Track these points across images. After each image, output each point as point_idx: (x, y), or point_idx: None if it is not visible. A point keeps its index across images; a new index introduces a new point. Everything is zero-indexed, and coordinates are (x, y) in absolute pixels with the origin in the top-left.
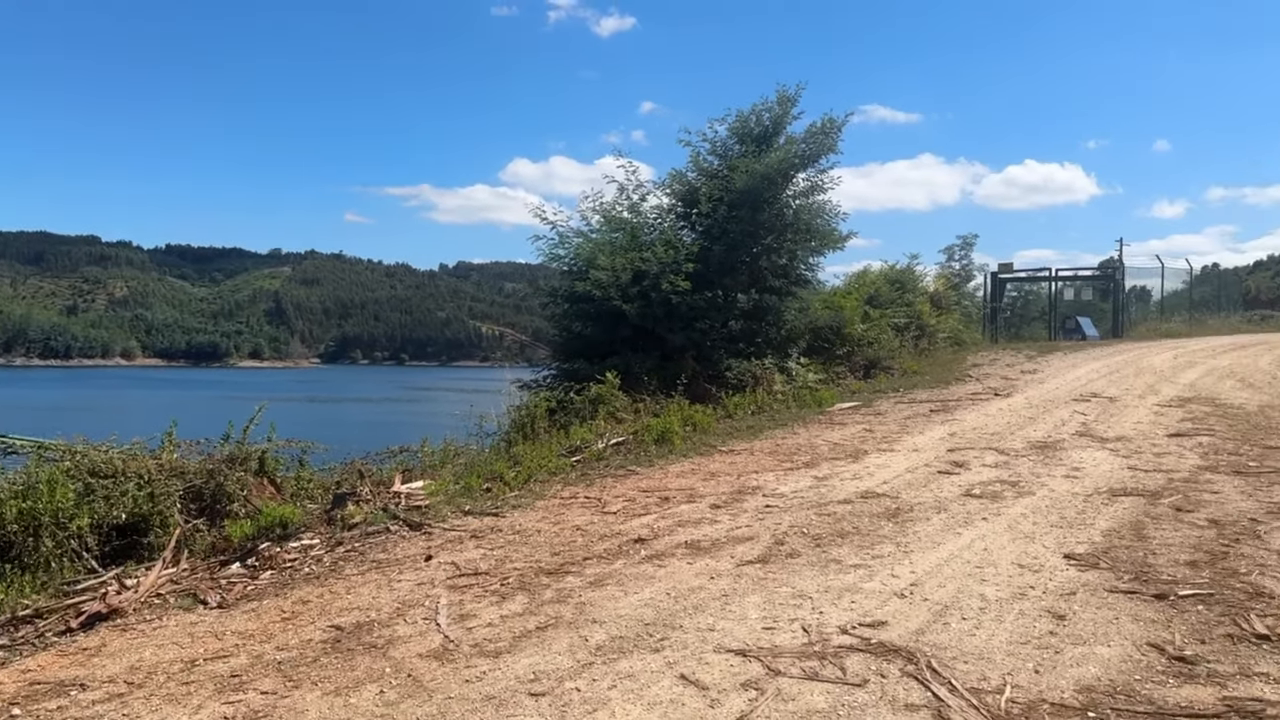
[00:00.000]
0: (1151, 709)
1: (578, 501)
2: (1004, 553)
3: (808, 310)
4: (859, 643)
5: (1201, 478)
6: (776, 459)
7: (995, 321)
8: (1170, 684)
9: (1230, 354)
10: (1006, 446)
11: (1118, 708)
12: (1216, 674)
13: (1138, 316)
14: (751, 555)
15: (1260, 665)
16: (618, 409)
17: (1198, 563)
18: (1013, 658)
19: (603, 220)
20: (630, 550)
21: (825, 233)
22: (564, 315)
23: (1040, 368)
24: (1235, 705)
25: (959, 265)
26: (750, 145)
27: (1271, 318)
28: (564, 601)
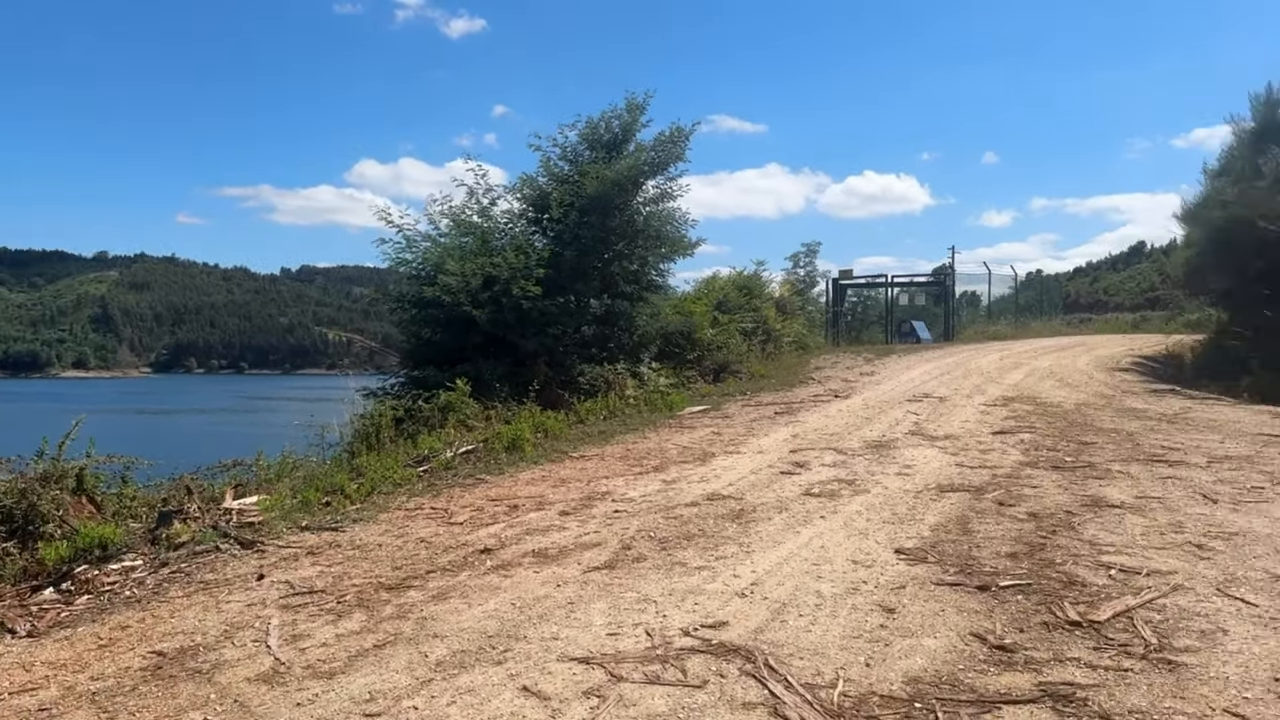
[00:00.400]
0: (973, 697)
1: (423, 513)
2: (840, 550)
3: (659, 315)
4: (700, 644)
5: (1023, 473)
6: (627, 464)
7: (837, 326)
8: (991, 672)
9: (1051, 355)
10: (845, 446)
11: (942, 697)
12: (1033, 661)
13: (968, 320)
14: (599, 561)
15: (1072, 650)
16: (468, 416)
17: (1018, 554)
18: (846, 652)
19: (452, 224)
20: (476, 561)
21: (675, 239)
22: (412, 321)
23: (878, 370)
24: (1049, 690)
25: (804, 272)
26: (601, 152)
27: (1090, 320)
28: (404, 617)
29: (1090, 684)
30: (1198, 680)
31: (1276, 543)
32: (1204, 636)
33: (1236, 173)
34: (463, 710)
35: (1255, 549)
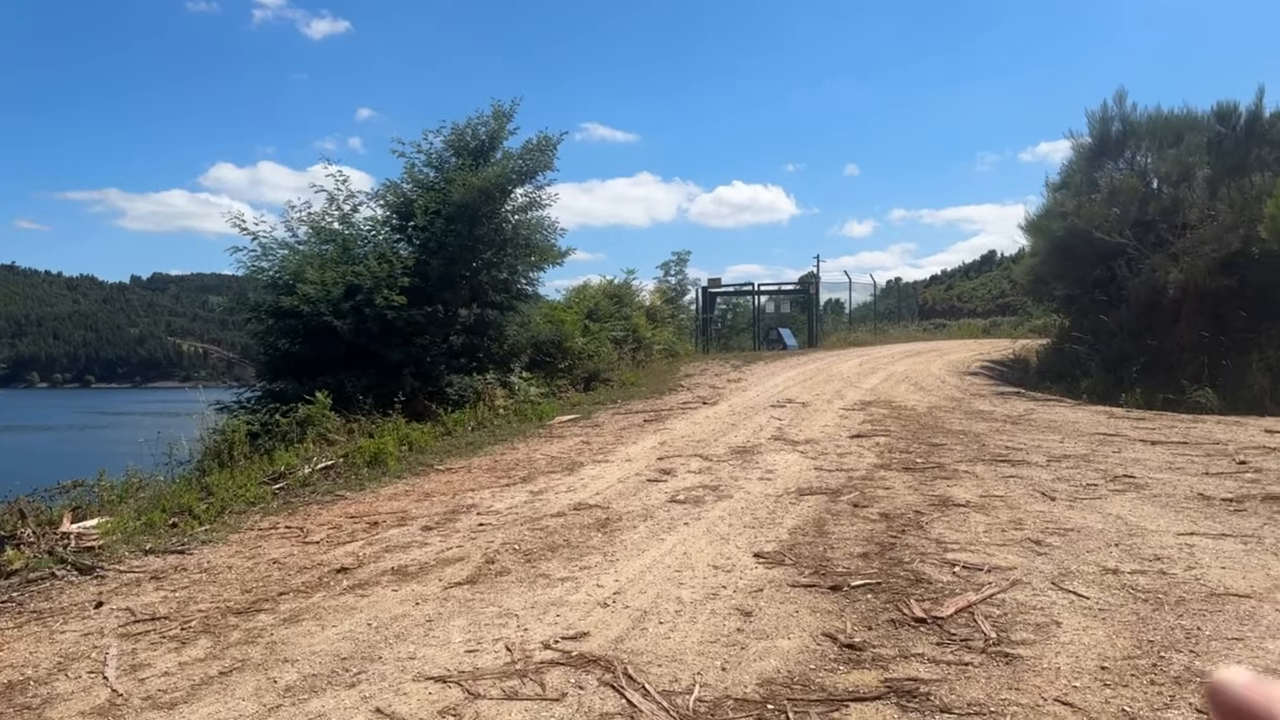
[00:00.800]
0: (823, 696)
1: (277, 532)
2: (701, 555)
3: (530, 325)
4: (561, 656)
5: (877, 475)
6: (494, 475)
7: (707, 333)
8: (840, 671)
9: (907, 360)
10: (711, 453)
11: (793, 697)
12: (880, 658)
13: (831, 327)
14: (460, 577)
15: (917, 647)
16: (329, 430)
17: (869, 554)
18: (703, 657)
19: (311, 231)
20: (332, 581)
21: (545, 248)
22: (269, 332)
23: (745, 376)
24: (894, 686)
25: (675, 280)
26: (467, 159)
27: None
28: (253, 642)
29: (933, 679)
30: (1032, 672)
31: (1108, 537)
32: (1039, 629)
33: (1075, 186)
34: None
35: (1088, 544)
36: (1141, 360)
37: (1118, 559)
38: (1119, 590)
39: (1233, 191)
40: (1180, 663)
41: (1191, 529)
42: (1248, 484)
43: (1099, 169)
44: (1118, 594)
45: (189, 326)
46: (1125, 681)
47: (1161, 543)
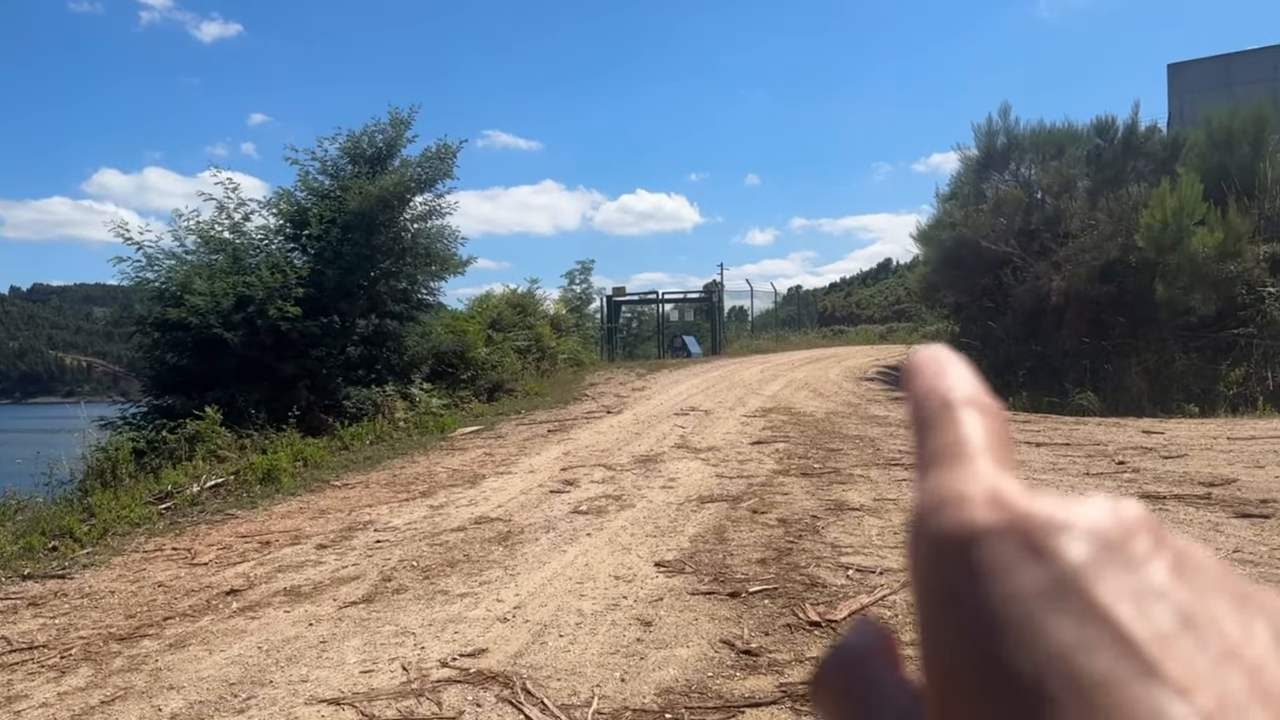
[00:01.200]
0: (720, 703)
1: (163, 554)
2: (603, 566)
3: (430, 335)
4: (458, 674)
5: (776, 481)
6: (393, 490)
7: (612, 342)
8: (737, 677)
9: (807, 367)
10: (614, 462)
11: (691, 705)
12: (776, 663)
13: (734, 335)
14: (356, 596)
15: (811, 650)
16: (219, 447)
17: (767, 560)
18: (602, 669)
19: (200, 240)
20: (220, 604)
21: (446, 257)
22: (155, 345)
23: (649, 385)
24: (789, 690)
25: (579, 289)
26: (364, 166)
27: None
28: (137, 669)
29: None
30: None
31: None
32: None
33: (964, 197)
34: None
35: None
36: (1027, 365)
37: None
38: None
39: (1111, 202)
40: None
41: None
42: (1125, 483)
43: (986, 180)
44: None
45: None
46: None
47: None
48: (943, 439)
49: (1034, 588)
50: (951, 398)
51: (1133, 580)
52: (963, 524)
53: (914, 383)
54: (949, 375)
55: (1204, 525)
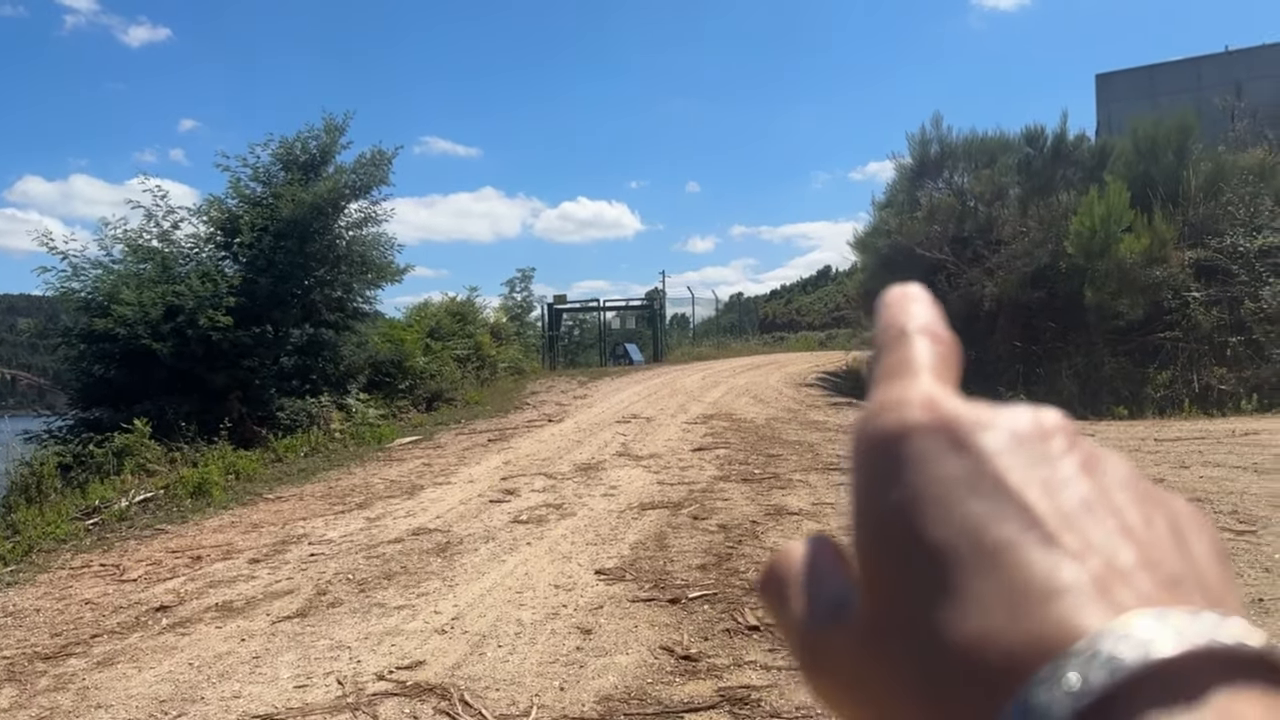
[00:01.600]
0: (660, 709)
1: (91, 571)
2: (543, 575)
3: (367, 344)
4: (395, 687)
5: (717, 487)
6: (328, 502)
7: (554, 350)
8: (677, 683)
9: (748, 373)
10: (555, 470)
11: (630, 712)
12: (715, 668)
13: (676, 342)
14: (290, 610)
15: (750, 654)
16: (148, 461)
17: (707, 566)
18: (542, 678)
19: (128, 249)
20: (150, 621)
21: (382, 265)
22: (82, 357)
23: (591, 393)
24: (728, 694)
25: (520, 297)
26: (297, 173)
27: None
28: (63, 688)
29: (764, 685)
30: None
31: None
32: None
33: (899, 205)
34: None
35: None
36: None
37: None
38: None
39: (1041, 209)
40: None
41: None
42: None
43: (920, 188)
44: None
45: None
46: None
47: None
48: (894, 358)
49: (955, 473)
50: (908, 326)
51: (1043, 470)
52: (899, 421)
53: (881, 314)
54: (910, 308)
55: None
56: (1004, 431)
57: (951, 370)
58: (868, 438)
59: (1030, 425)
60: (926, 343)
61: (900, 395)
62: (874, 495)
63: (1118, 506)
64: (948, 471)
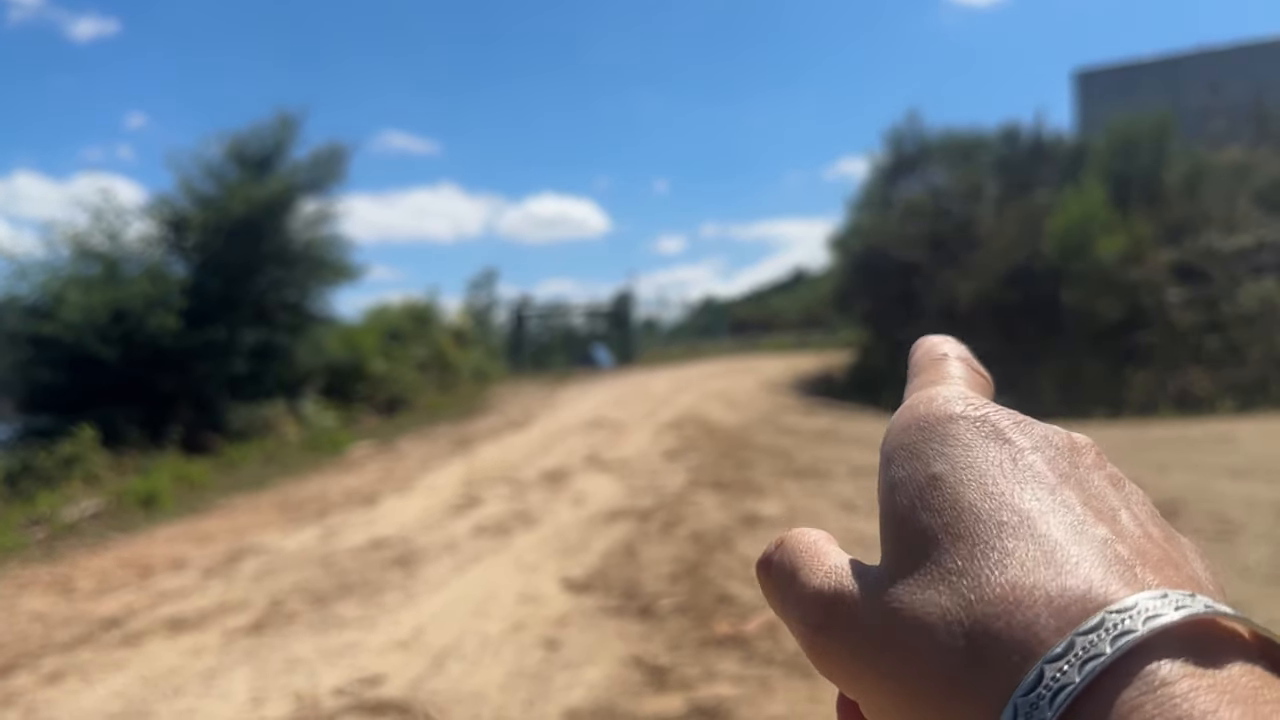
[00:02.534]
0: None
1: (39, 584)
2: (508, 587)
3: (323, 348)
4: (354, 702)
5: (688, 494)
6: (283, 512)
7: (519, 353)
8: (646, 695)
9: (720, 378)
10: (520, 478)
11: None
12: (686, 679)
13: (646, 344)
14: (244, 624)
15: (721, 665)
16: (96, 469)
17: (678, 575)
18: (506, 692)
19: (75, 251)
20: (100, 635)
21: (338, 265)
22: (26, 362)
23: (557, 397)
24: (698, 707)
25: (484, 298)
26: (249, 170)
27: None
28: (10, 705)
29: (736, 695)
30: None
31: None
32: None
33: (874, 204)
34: None
35: None
36: None
37: None
38: None
39: (1018, 209)
40: None
41: None
42: None
43: (895, 186)
44: None
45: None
46: None
47: None
48: (933, 371)
49: (996, 458)
50: (944, 350)
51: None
52: (944, 408)
53: (918, 347)
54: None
55: None
56: (1041, 435)
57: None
58: (911, 418)
59: (1065, 438)
60: (962, 365)
61: (942, 392)
62: (915, 466)
63: (1139, 517)
64: (989, 455)
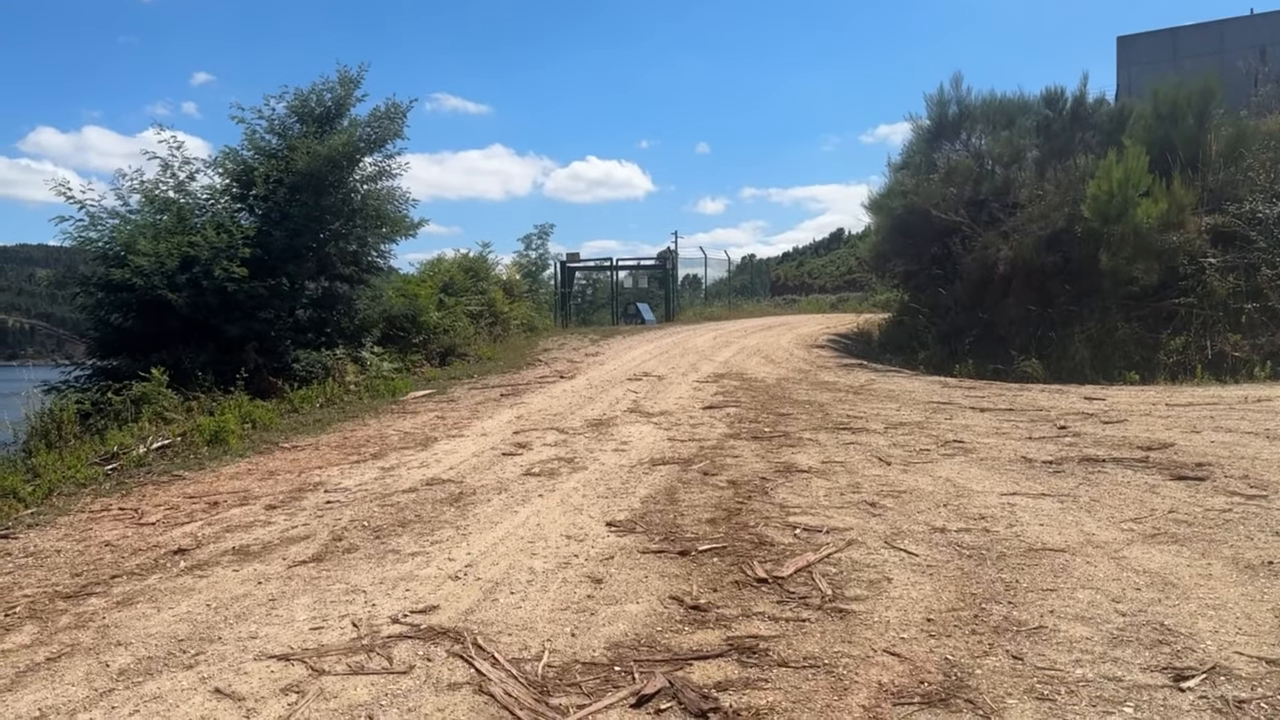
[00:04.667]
0: (668, 656)
1: (110, 514)
2: (555, 526)
3: (381, 298)
4: (409, 630)
5: (727, 444)
6: (343, 452)
7: (566, 308)
8: (685, 631)
9: (759, 334)
10: (567, 426)
11: (640, 659)
12: (724, 618)
13: (688, 302)
14: (306, 555)
15: (758, 605)
16: (165, 409)
17: (716, 520)
18: (553, 624)
19: (144, 200)
20: (168, 563)
21: (396, 219)
22: (99, 306)
23: (602, 351)
24: (736, 644)
25: (536, 254)
26: (312, 125)
27: (795, 301)
28: (84, 626)
29: (772, 635)
30: (864, 625)
31: (938, 498)
32: (872, 586)
33: (915, 166)
34: (147, 718)
35: (919, 505)
36: (974, 333)
37: (946, 518)
38: (945, 547)
39: (1059, 173)
40: (999, 613)
41: (1014, 490)
42: (1066, 447)
43: (937, 150)
44: (944, 551)
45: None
46: (949, 632)
47: (986, 503)
48: None
49: None
50: None
51: None
52: None
53: None
54: None
55: (1141, 487)
56: None
57: None
58: None
59: None
60: None
61: None
62: None
63: None
64: None
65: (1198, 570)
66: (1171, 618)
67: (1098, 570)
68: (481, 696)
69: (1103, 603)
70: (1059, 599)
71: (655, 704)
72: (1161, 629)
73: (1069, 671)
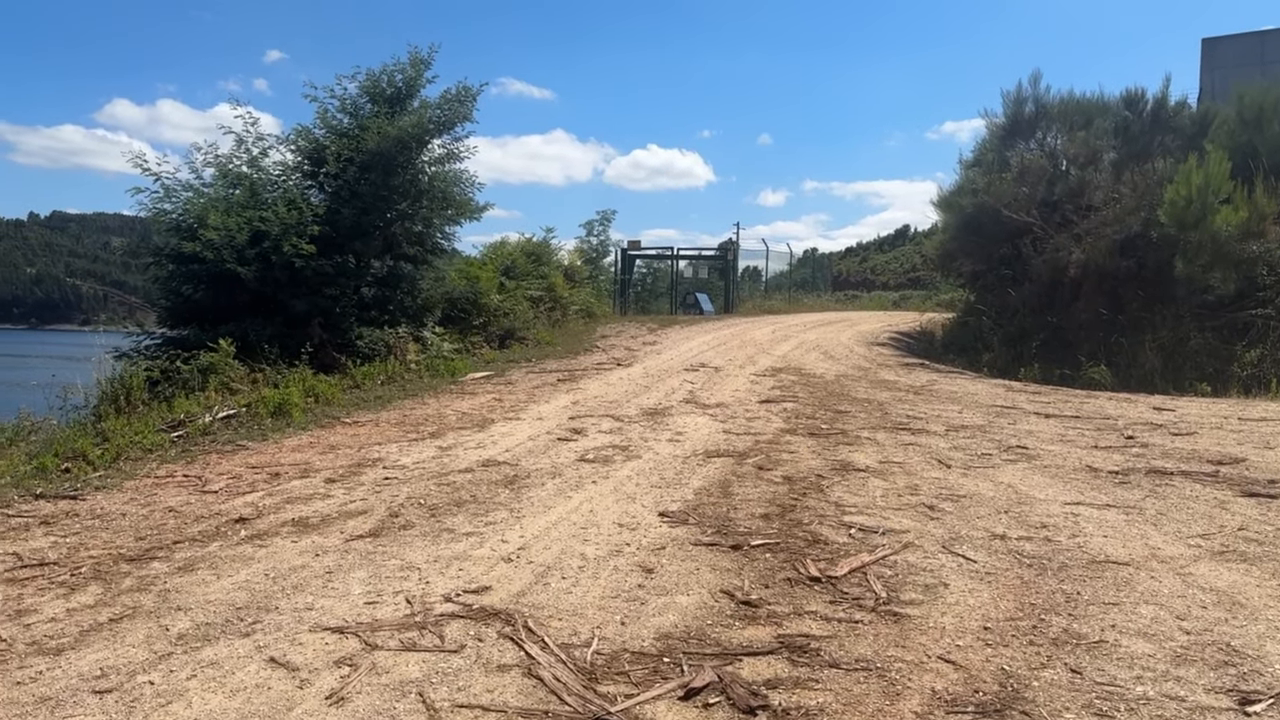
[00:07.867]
0: (718, 650)
1: (175, 480)
2: (608, 513)
3: (444, 279)
4: (461, 609)
5: (783, 439)
6: (402, 429)
7: (625, 295)
8: (736, 626)
9: (818, 329)
10: (622, 413)
11: (689, 651)
12: (775, 614)
13: (748, 294)
14: (363, 529)
15: (810, 604)
16: (232, 379)
17: (770, 515)
18: (603, 612)
19: (217, 174)
20: (229, 531)
21: (462, 201)
22: (171, 277)
23: (660, 339)
24: (787, 641)
25: (597, 240)
26: (383, 106)
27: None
28: (145, 589)
29: (824, 635)
30: (918, 630)
31: (998, 505)
32: (927, 590)
33: (987, 164)
34: (204, 684)
35: (979, 510)
36: (1041, 337)
37: (1006, 525)
38: (1005, 555)
39: (1136, 176)
40: (1059, 625)
41: (1078, 499)
42: (1133, 458)
43: (1010, 148)
44: (1004, 558)
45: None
46: (1006, 641)
47: (1048, 511)
48: None
49: None
50: None
51: None
52: None
53: None
54: None
55: (1210, 502)
56: None
57: None
58: None
59: None
60: None
61: None
62: None
63: None
64: None
65: (1268, 591)
66: (1239, 638)
67: (1162, 586)
68: (530, 680)
69: (1167, 619)
70: (1121, 613)
71: (704, 698)
72: (1228, 649)
73: (1129, 689)
